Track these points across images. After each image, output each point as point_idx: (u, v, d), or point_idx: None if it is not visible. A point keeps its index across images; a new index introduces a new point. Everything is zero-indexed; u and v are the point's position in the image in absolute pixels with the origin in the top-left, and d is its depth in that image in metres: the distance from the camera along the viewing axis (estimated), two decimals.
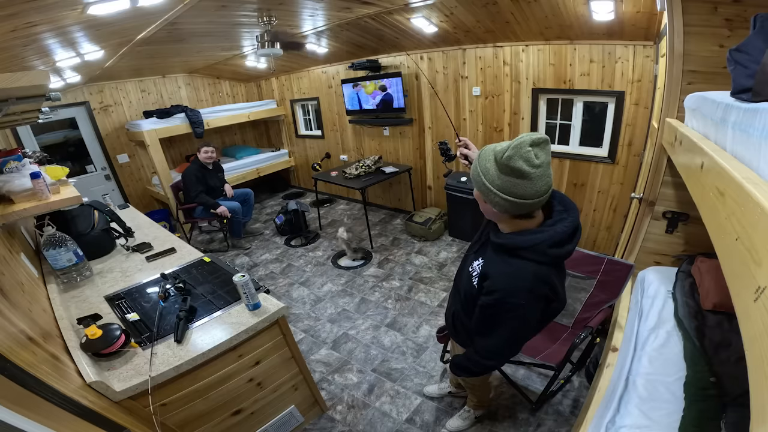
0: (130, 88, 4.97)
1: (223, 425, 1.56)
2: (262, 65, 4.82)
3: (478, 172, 1.00)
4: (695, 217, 1.96)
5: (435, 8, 2.81)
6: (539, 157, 0.91)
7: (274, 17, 2.89)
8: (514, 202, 0.96)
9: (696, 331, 1.53)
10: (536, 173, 0.91)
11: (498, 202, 0.98)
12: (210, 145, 3.94)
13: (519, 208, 0.98)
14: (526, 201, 0.95)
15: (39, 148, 4.27)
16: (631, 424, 1.26)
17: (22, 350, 0.96)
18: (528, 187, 0.93)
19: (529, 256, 1.02)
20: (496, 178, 0.96)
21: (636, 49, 2.65)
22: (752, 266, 0.57)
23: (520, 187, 0.93)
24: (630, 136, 2.91)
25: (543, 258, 1.01)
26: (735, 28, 1.49)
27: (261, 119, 5.96)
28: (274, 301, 1.62)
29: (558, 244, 1.01)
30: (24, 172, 1.68)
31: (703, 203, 0.98)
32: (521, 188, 0.93)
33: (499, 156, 0.94)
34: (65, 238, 1.85)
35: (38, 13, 1.71)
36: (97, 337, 1.29)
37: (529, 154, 0.90)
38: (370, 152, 4.92)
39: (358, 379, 2.33)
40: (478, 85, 3.62)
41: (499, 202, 0.98)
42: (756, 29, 1.00)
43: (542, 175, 0.93)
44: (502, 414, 2.01)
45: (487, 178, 0.98)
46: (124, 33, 2.63)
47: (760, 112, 0.72)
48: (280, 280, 3.61)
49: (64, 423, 0.90)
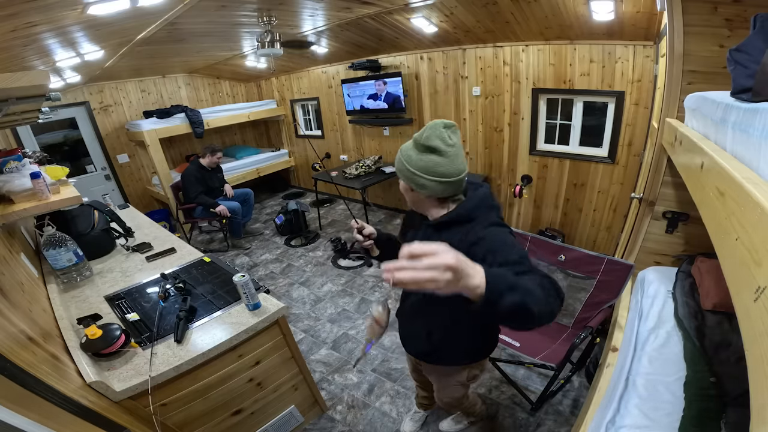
0: (130, 88, 4.98)
1: (223, 425, 1.55)
2: (262, 65, 4.82)
3: (401, 161, 1.08)
4: (695, 217, 1.96)
5: (435, 8, 2.81)
6: (452, 138, 1.02)
7: (274, 17, 2.89)
8: (438, 181, 1.03)
9: (696, 331, 1.53)
10: (451, 152, 1.01)
11: (424, 184, 1.04)
12: (221, 150, 3.98)
13: (444, 188, 1.05)
14: (449, 179, 1.03)
15: (39, 148, 4.27)
16: (631, 424, 1.26)
17: (22, 350, 0.96)
18: (447, 165, 1.02)
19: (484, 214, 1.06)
20: (417, 160, 1.04)
21: (636, 49, 2.65)
22: (752, 266, 0.57)
23: (440, 165, 1.02)
24: (630, 136, 2.91)
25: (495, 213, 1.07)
26: (735, 28, 1.49)
27: (261, 119, 5.96)
28: (274, 301, 1.62)
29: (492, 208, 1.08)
30: (24, 172, 1.68)
31: (703, 203, 0.98)
32: (441, 167, 1.02)
33: (418, 138, 1.04)
34: (65, 238, 1.85)
35: (38, 13, 1.72)
36: (97, 337, 1.29)
37: (444, 134, 1.01)
38: (370, 152, 4.92)
39: (358, 379, 2.33)
40: (478, 85, 3.62)
41: (425, 184, 1.04)
42: (756, 29, 1.00)
43: (456, 155, 1.02)
44: (502, 414, 2.01)
45: (410, 164, 1.05)
46: (124, 33, 2.63)
47: (760, 112, 0.72)
48: (280, 280, 3.61)
49: (64, 423, 0.90)
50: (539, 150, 3.49)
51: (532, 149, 3.51)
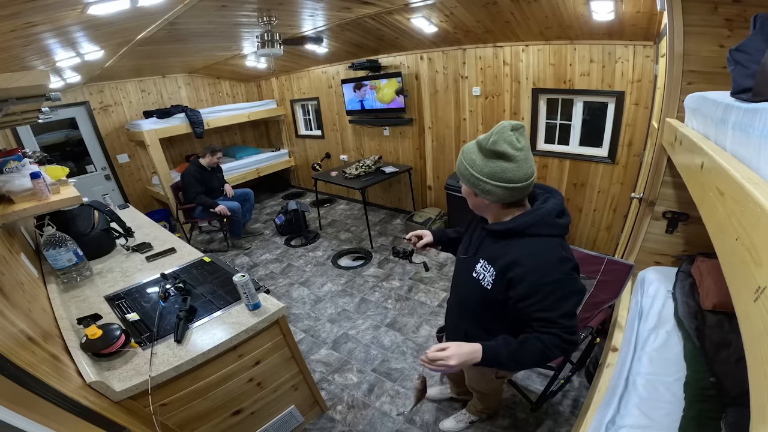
0: (130, 88, 4.98)
1: (223, 425, 1.55)
2: (262, 65, 4.82)
3: (465, 165, 1.03)
4: (695, 217, 1.96)
5: (435, 8, 2.81)
6: (520, 141, 0.96)
7: (274, 17, 2.89)
8: (505, 187, 0.98)
9: (696, 331, 1.53)
10: (520, 156, 0.96)
11: (489, 191, 1.00)
12: (221, 150, 3.98)
13: (511, 193, 1.00)
14: (516, 185, 0.98)
15: (39, 148, 4.27)
16: (631, 424, 1.26)
17: (22, 350, 0.96)
18: (515, 170, 0.96)
19: (540, 231, 1.02)
20: (483, 166, 0.99)
21: (636, 49, 2.65)
22: (752, 266, 0.57)
23: (508, 171, 0.97)
24: (630, 136, 2.91)
25: (554, 230, 1.03)
26: (735, 28, 1.49)
27: (261, 119, 5.96)
28: (274, 301, 1.62)
29: (560, 214, 1.05)
30: (24, 172, 1.68)
31: (703, 203, 0.98)
32: (509, 172, 0.97)
33: (483, 143, 0.99)
34: (65, 238, 1.85)
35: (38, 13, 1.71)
36: (97, 337, 1.29)
37: (512, 138, 0.95)
38: (370, 152, 4.92)
39: (358, 379, 2.33)
40: (478, 85, 3.62)
41: (491, 190, 1.00)
42: (756, 29, 1.00)
43: (526, 159, 0.97)
44: (502, 414, 2.01)
45: (474, 168, 1.01)
46: (124, 33, 2.63)
47: (760, 112, 0.72)
48: (280, 280, 3.61)
49: (64, 423, 0.90)
50: (539, 150, 3.49)
51: (532, 149, 3.48)
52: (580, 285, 1.05)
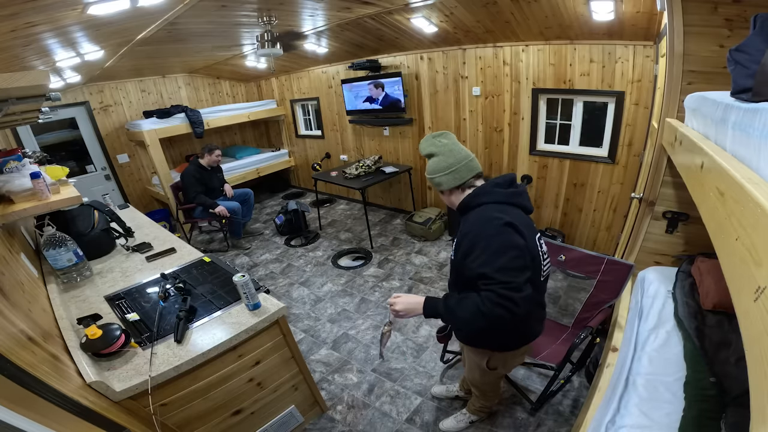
0: (130, 88, 4.98)
1: (223, 425, 1.55)
2: (262, 65, 4.82)
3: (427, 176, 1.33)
4: (695, 217, 1.96)
5: (435, 8, 2.81)
6: (442, 141, 1.28)
7: (274, 17, 2.90)
8: (444, 173, 1.26)
9: (696, 331, 1.53)
10: (444, 149, 1.27)
11: (439, 182, 1.28)
12: (220, 149, 3.98)
13: (453, 176, 1.26)
14: (453, 168, 1.25)
15: (39, 148, 4.27)
16: (631, 424, 1.26)
17: (22, 350, 0.96)
18: (446, 159, 1.26)
19: (482, 200, 1.23)
20: (428, 168, 1.31)
21: (636, 49, 2.65)
22: (752, 266, 0.57)
23: (441, 162, 1.27)
24: (630, 136, 2.91)
25: (494, 197, 1.22)
26: (735, 28, 1.49)
27: (261, 119, 5.96)
28: (274, 301, 1.62)
29: (499, 185, 1.25)
30: (24, 172, 1.68)
31: (703, 203, 0.98)
32: (442, 162, 1.26)
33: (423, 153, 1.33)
34: (65, 238, 1.85)
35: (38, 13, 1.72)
36: (97, 337, 1.29)
37: (434, 141, 1.29)
38: (370, 152, 4.92)
39: (358, 379, 2.33)
40: (478, 85, 3.62)
41: (440, 181, 1.28)
42: (756, 29, 1.00)
43: (451, 150, 1.26)
44: (502, 414, 2.01)
45: (428, 173, 1.32)
46: (124, 33, 2.63)
47: (760, 112, 0.72)
48: (280, 280, 3.61)
49: (64, 423, 0.90)
50: (539, 150, 3.49)
51: (532, 149, 3.51)
52: (517, 240, 1.13)
